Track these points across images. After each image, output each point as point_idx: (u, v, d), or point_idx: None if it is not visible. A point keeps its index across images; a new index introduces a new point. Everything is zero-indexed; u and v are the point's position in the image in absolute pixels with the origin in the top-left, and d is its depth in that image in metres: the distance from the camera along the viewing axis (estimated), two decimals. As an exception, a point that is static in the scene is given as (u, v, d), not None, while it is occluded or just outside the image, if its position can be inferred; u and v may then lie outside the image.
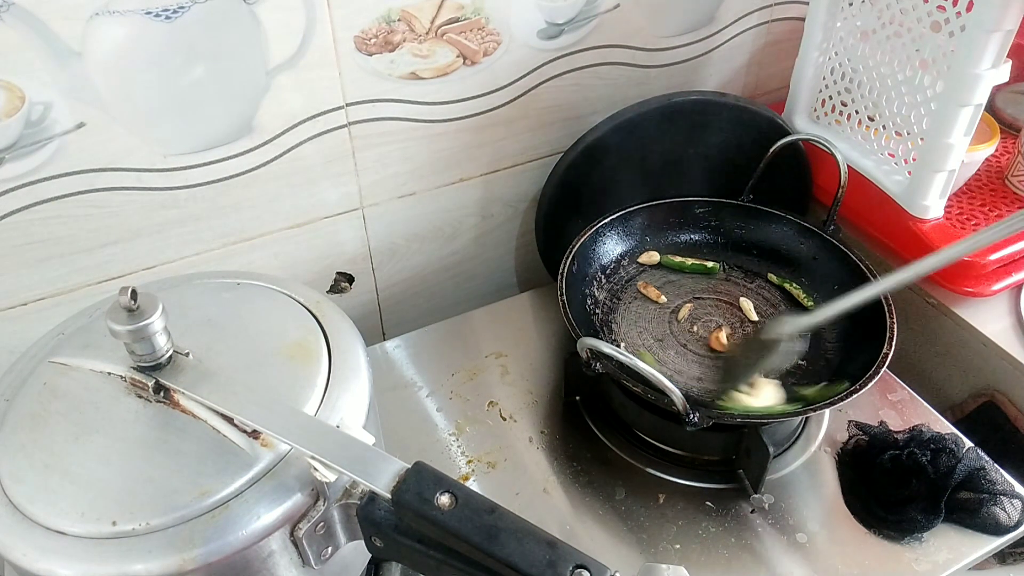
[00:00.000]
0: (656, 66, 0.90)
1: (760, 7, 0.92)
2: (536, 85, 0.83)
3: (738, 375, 0.68)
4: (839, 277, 0.76)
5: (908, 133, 0.77)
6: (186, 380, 0.44)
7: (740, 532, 0.65)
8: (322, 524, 0.43)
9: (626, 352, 0.60)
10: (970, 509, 0.65)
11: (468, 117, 0.81)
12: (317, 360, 0.49)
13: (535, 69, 0.82)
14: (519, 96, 0.83)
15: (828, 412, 0.75)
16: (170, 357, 0.45)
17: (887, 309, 0.69)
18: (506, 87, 0.81)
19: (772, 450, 0.64)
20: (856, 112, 0.84)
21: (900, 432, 0.70)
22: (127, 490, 0.41)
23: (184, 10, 0.62)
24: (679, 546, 0.65)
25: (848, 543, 0.64)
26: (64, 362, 0.48)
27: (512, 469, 0.71)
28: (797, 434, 0.73)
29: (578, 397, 0.76)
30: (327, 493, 0.42)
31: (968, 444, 0.69)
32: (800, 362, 0.72)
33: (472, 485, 0.69)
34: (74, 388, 0.46)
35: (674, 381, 0.61)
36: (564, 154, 0.86)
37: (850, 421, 0.73)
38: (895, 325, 0.68)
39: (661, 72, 0.90)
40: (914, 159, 0.77)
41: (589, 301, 0.78)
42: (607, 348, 0.61)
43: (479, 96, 0.81)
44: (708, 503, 0.68)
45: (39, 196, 0.66)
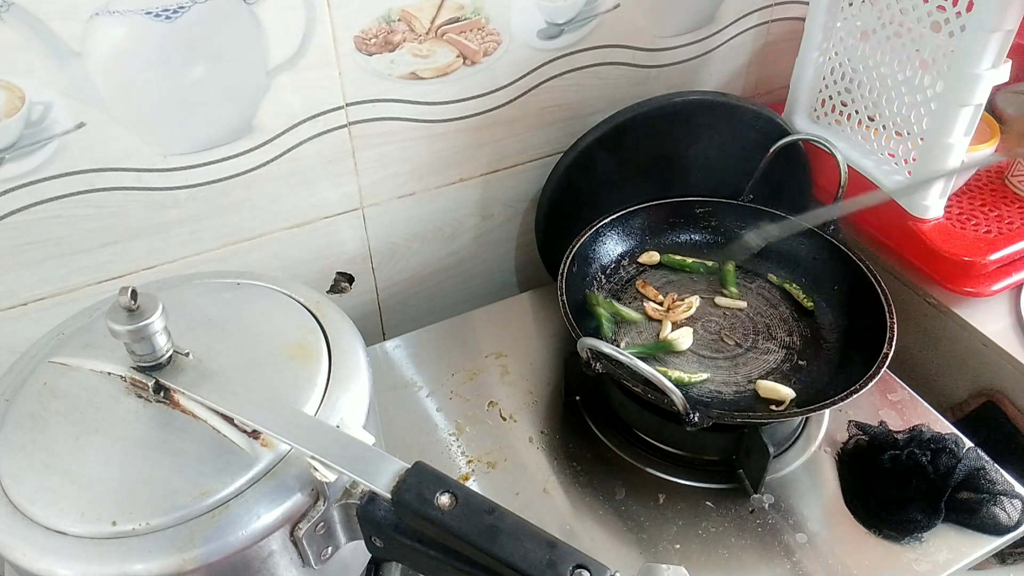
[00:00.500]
0: (656, 66, 0.90)
1: (760, 7, 0.92)
2: (536, 85, 0.83)
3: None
4: (839, 277, 0.76)
5: (908, 133, 0.77)
6: (186, 380, 0.44)
7: (740, 532, 0.65)
8: (322, 524, 0.43)
9: (626, 352, 0.60)
10: (970, 509, 0.65)
11: (468, 117, 0.81)
12: (317, 360, 0.49)
13: (535, 69, 0.82)
14: (519, 96, 0.83)
15: (828, 412, 0.75)
16: (170, 357, 0.45)
17: (887, 309, 0.69)
18: (506, 87, 0.81)
19: (772, 450, 0.64)
20: (856, 112, 0.84)
21: (900, 432, 0.70)
22: (127, 490, 0.41)
23: (184, 10, 0.62)
24: (679, 546, 0.65)
25: (848, 543, 0.64)
26: (64, 362, 0.48)
27: (512, 469, 0.71)
28: (797, 434, 0.73)
29: (578, 397, 0.76)
30: (327, 493, 0.42)
31: (968, 444, 0.69)
32: (800, 362, 0.72)
33: (472, 485, 0.69)
34: (74, 388, 0.46)
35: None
36: (564, 154, 0.86)
37: (850, 421, 0.73)
38: (895, 325, 0.68)
39: (661, 72, 0.90)
40: (914, 159, 0.77)
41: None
42: (607, 348, 0.61)
43: (479, 96, 0.81)
44: (708, 503, 0.68)
45: (39, 196, 0.66)
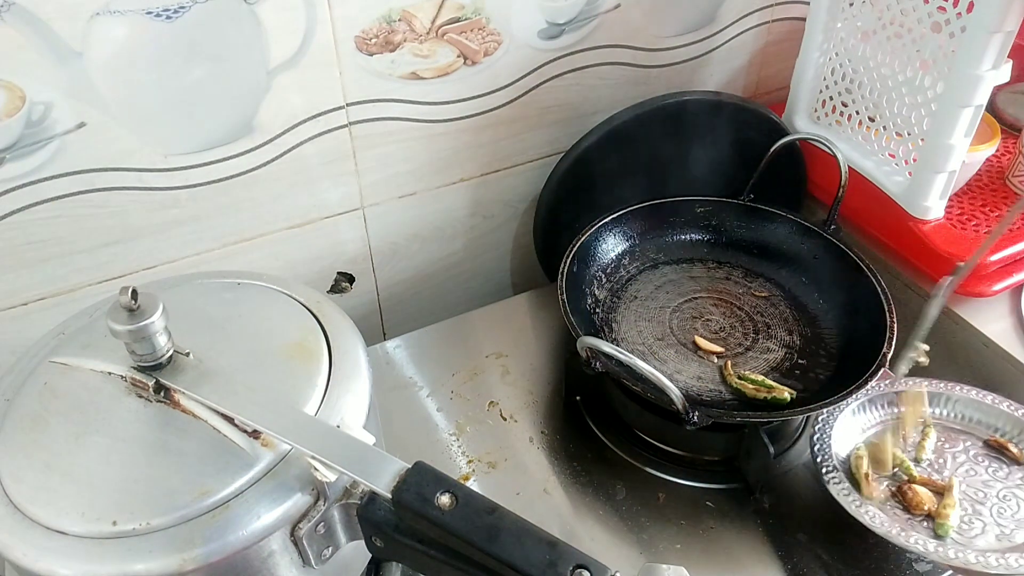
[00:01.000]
0: (657, 66, 0.90)
1: (761, 7, 0.92)
2: (537, 85, 0.83)
3: None
4: (839, 277, 0.76)
5: (909, 134, 0.77)
6: (186, 380, 0.44)
7: (740, 532, 0.65)
8: (322, 524, 0.43)
9: (626, 351, 0.60)
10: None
11: (468, 117, 0.81)
12: (317, 360, 0.49)
13: (536, 69, 0.82)
14: (520, 96, 0.83)
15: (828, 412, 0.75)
16: (170, 357, 0.45)
17: (887, 309, 0.69)
18: (507, 87, 0.81)
19: (772, 450, 0.64)
20: (857, 113, 0.84)
21: (900, 432, 0.70)
22: (127, 490, 0.41)
23: (185, 10, 0.62)
24: (680, 546, 0.65)
25: (848, 543, 0.64)
26: (64, 362, 0.48)
27: (512, 469, 0.71)
28: (798, 434, 0.73)
29: (578, 397, 0.76)
30: (327, 493, 0.42)
31: (968, 444, 0.70)
32: (800, 361, 0.72)
33: (472, 485, 0.69)
34: (74, 388, 0.46)
35: (674, 380, 0.61)
36: (564, 154, 0.86)
37: (850, 421, 0.73)
38: (895, 325, 0.68)
39: (662, 72, 0.90)
40: (915, 160, 0.77)
41: (589, 300, 0.78)
42: (607, 347, 0.61)
43: (480, 96, 0.81)
44: (708, 503, 0.68)
45: (40, 196, 0.66)
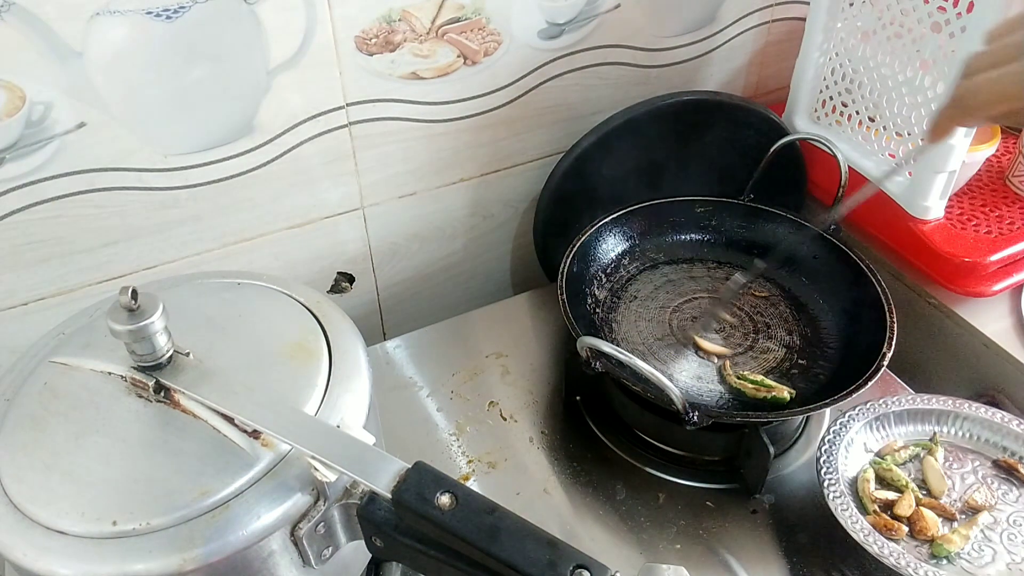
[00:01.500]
0: (657, 66, 0.90)
1: (761, 7, 0.92)
2: (537, 85, 0.83)
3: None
4: (839, 276, 0.76)
5: (909, 134, 0.77)
6: (186, 380, 0.44)
7: (741, 532, 0.65)
8: (322, 524, 0.43)
9: (626, 351, 0.60)
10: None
11: (469, 117, 0.81)
12: (317, 360, 0.49)
13: (536, 69, 0.82)
14: (519, 96, 0.83)
15: (829, 412, 0.75)
16: (170, 357, 0.45)
17: (887, 309, 0.69)
18: (507, 87, 0.81)
19: (772, 450, 0.64)
20: (857, 113, 0.84)
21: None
22: (127, 490, 0.41)
23: (185, 10, 0.62)
24: (680, 546, 0.65)
25: (849, 543, 0.64)
26: (64, 362, 0.48)
27: (512, 469, 0.71)
28: (798, 434, 0.73)
29: (578, 397, 0.76)
30: (327, 493, 0.42)
31: (969, 444, 0.69)
32: (800, 361, 0.72)
33: (472, 485, 0.69)
34: (74, 388, 0.46)
35: (674, 381, 0.61)
36: (564, 154, 0.86)
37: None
38: (895, 325, 0.68)
39: (662, 72, 0.90)
40: (915, 160, 0.77)
41: (589, 300, 0.78)
42: (607, 347, 0.61)
43: (480, 96, 0.81)
44: (709, 503, 0.68)
45: (40, 196, 0.66)
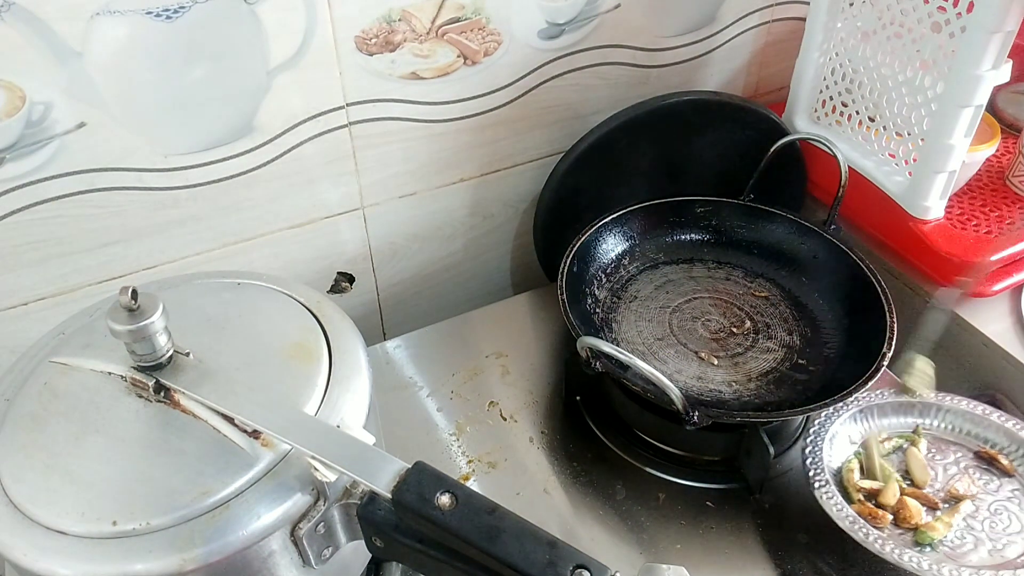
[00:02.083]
0: (657, 66, 0.90)
1: (761, 7, 0.92)
2: (537, 85, 0.83)
3: None
4: (839, 276, 0.76)
5: (909, 134, 0.77)
6: (186, 380, 0.44)
7: (741, 532, 0.65)
8: (322, 524, 0.43)
9: (626, 351, 0.60)
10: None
11: (468, 117, 0.81)
12: (317, 360, 0.49)
13: (536, 69, 0.82)
14: (519, 96, 0.83)
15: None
16: (170, 357, 0.45)
17: (887, 309, 0.69)
18: (506, 87, 0.81)
19: (772, 450, 0.64)
20: (857, 113, 0.84)
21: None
22: (127, 490, 0.41)
23: (185, 10, 0.62)
24: (680, 546, 0.65)
25: (848, 544, 0.64)
26: (65, 362, 0.48)
27: (512, 469, 0.71)
28: (798, 434, 0.73)
29: (578, 397, 0.76)
30: (327, 493, 0.42)
31: (968, 444, 0.70)
32: (800, 361, 0.72)
33: (472, 485, 0.69)
34: (74, 388, 0.46)
35: (674, 380, 0.61)
36: (564, 154, 0.86)
37: (850, 421, 0.73)
38: (895, 325, 0.68)
39: (662, 72, 0.90)
40: (915, 160, 0.77)
41: (589, 300, 0.78)
42: (607, 347, 0.61)
43: (480, 96, 0.81)
44: (709, 503, 0.68)
45: (40, 196, 0.66)
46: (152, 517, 0.40)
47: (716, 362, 0.72)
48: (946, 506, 0.63)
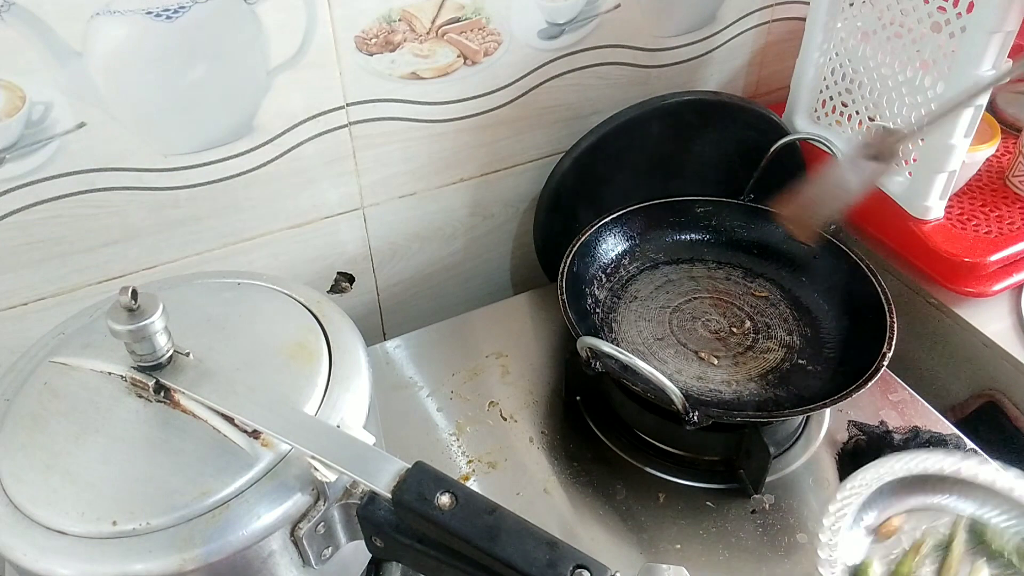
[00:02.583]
0: (657, 66, 0.90)
1: (761, 7, 0.92)
2: (537, 85, 0.83)
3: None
4: (839, 276, 0.76)
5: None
6: (186, 380, 0.44)
7: (740, 532, 0.65)
8: (322, 524, 0.43)
9: (626, 351, 0.60)
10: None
11: (468, 117, 0.81)
12: (317, 360, 0.49)
13: (536, 69, 0.82)
14: (520, 96, 0.83)
15: (829, 412, 0.75)
16: (170, 357, 0.45)
17: (887, 309, 0.69)
18: (507, 87, 0.81)
19: (773, 450, 0.64)
20: (857, 113, 0.84)
21: (900, 432, 0.70)
22: (127, 490, 0.41)
23: (185, 10, 0.62)
24: (680, 546, 0.65)
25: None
26: (64, 362, 0.48)
27: (512, 469, 0.71)
28: (798, 434, 0.73)
29: (578, 397, 0.76)
30: (327, 493, 0.42)
31: (969, 445, 0.69)
32: (800, 361, 0.72)
33: (472, 485, 0.69)
34: (74, 388, 0.46)
35: (674, 380, 0.61)
36: (564, 154, 0.86)
37: (850, 421, 0.73)
38: (895, 325, 0.68)
39: (662, 72, 0.90)
40: (915, 160, 0.77)
41: (589, 300, 0.78)
42: (607, 347, 0.61)
43: (480, 96, 0.81)
44: (708, 503, 0.68)
45: (40, 196, 0.66)
46: (152, 517, 0.40)
47: (716, 362, 0.72)
48: None
